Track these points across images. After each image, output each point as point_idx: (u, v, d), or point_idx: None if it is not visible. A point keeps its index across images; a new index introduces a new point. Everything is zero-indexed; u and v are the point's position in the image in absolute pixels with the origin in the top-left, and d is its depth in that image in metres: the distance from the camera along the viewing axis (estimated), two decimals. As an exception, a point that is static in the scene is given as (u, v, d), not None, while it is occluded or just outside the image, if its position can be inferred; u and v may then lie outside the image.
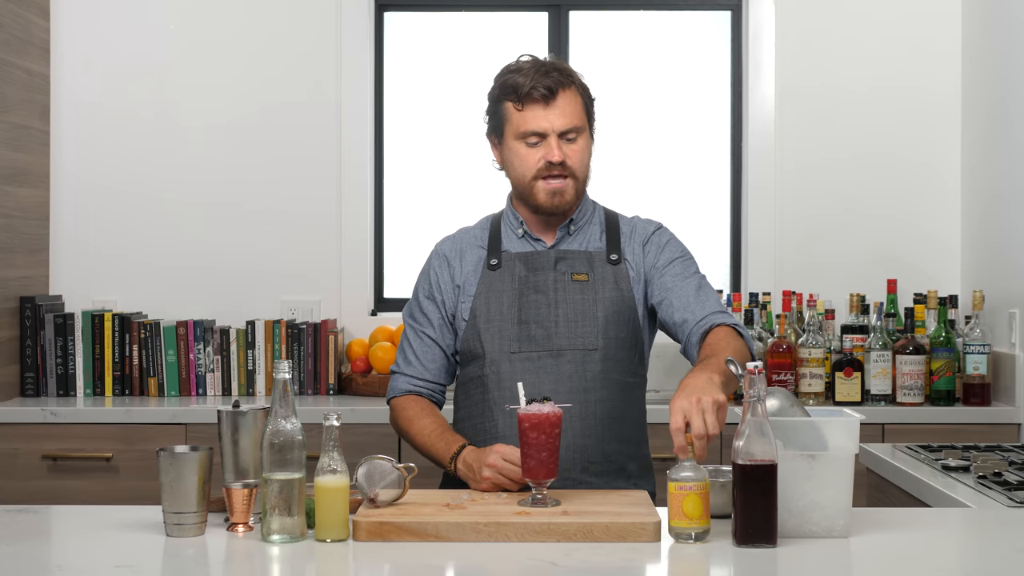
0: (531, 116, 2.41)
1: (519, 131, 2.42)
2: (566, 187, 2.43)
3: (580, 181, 2.46)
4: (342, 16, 4.21)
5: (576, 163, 2.43)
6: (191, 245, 4.20)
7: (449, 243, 2.57)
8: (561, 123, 2.41)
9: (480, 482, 2.26)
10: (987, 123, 3.97)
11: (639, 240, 2.52)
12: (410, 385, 2.53)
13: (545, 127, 2.40)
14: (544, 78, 2.41)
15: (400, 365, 2.55)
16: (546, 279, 2.45)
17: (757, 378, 1.93)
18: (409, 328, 2.55)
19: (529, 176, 2.43)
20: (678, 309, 2.41)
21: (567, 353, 2.41)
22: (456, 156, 4.34)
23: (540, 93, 2.39)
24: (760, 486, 1.92)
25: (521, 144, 2.43)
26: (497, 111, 2.47)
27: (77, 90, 4.20)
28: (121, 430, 3.64)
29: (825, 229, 4.20)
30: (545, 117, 2.40)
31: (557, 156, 2.40)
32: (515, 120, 2.43)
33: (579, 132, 2.43)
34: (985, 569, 1.93)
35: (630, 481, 2.45)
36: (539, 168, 2.42)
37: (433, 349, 2.52)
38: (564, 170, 2.42)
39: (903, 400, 3.73)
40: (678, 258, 2.49)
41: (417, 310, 2.54)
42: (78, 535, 2.09)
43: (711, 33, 4.37)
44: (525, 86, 2.40)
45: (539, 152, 2.42)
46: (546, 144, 2.41)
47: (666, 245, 2.52)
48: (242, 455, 2.09)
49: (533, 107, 2.41)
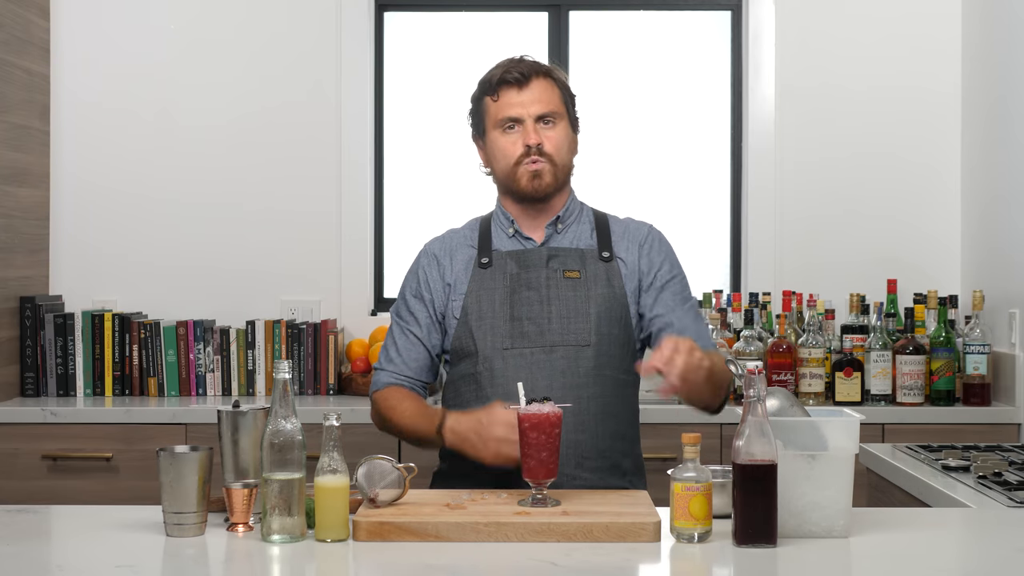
0: (506, 103, 2.45)
1: (497, 119, 2.47)
2: (544, 170, 2.45)
3: (559, 167, 2.47)
4: (342, 16, 4.21)
5: (553, 148, 2.46)
6: (191, 245, 4.20)
7: (438, 243, 2.58)
8: (536, 108, 2.45)
9: (486, 450, 2.25)
10: (987, 123, 3.97)
11: (633, 239, 2.53)
12: (392, 378, 2.53)
13: (520, 112, 2.44)
14: (517, 65, 2.47)
15: (383, 362, 2.55)
16: (538, 276, 2.46)
17: (757, 378, 1.93)
18: (395, 326, 2.55)
19: (511, 162, 2.46)
20: None
21: (560, 349, 2.41)
22: (456, 156, 4.33)
23: (513, 77, 2.45)
24: (760, 486, 1.92)
25: (500, 133, 2.47)
26: (478, 110, 2.53)
27: (77, 90, 4.20)
28: (121, 430, 3.64)
29: (825, 229, 4.20)
30: (520, 103, 2.45)
31: (533, 139, 2.43)
32: (492, 111, 2.48)
33: (556, 118, 2.46)
34: (985, 569, 1.93)
35: (624, 478, 2.45)
36: (519, 154, 2.45)
37: (417, 347, 2.52)
38: (541, 154, 2.44)
39: (903, 400, 3.73)
40: (676, 277, 2.52)
41: (404, 308, 2.54)
42: (78, 535, 2.09)
43: (711, 33, 4.37)
44: (497, 75, 2.47)
45: (516, 137, 2.45)
46: (523, 129, 2.45)
47: (661, 252, 2.53)
48: (242, 455, 2.09)
49: (507, 93, 2.46)
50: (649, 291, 2.48)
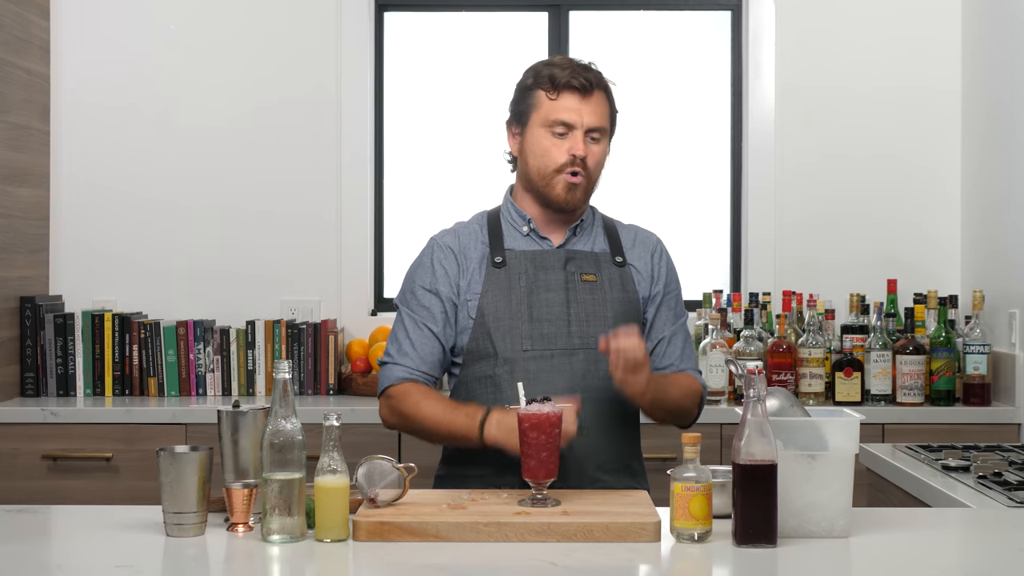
0: (564, 106, 2.40)
1: (548, 119, 2.41)
2: (581, 184, 2.43)
3: (592, 183, 2.46)
4: (342, 16, 4.21)
5: (593, 164, 2.44)
6: (191, 245, 4.20)
7: (451, 236, 2.51)
8: (591, 119, 2.41)
9: None
10: (987, 123, 3.97)
11: (645, 248, 2.54)
12: (407, 373, 2.43)
13: (576, 119, 2.40)
14: (585, 71, 2.43)
15: (394, 355, 2.45)
16: (557, 278, 2.44)
17: (757, 378, 1.93)
18: (408, 318, 2.46)
19: (551, 168, 2.42)
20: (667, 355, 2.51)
21: (580, 352, 2.40)
22: (456, 156, 4.34)
23: (579, 82, 2.40)
24: (760, 486, 1.92)
25: (547, 133, 2.41)
26: (525, 98, 2.45)
27: (77, 90, 4.20)
28: (121, 430, 3.64)
29: (825, 229, 4.20)
30: (578, 109, 2.40)
31: (582, 150, 2.40)
32: (546, 108, 2.42)
33: (603, 134, 2.45)
34: (985, 569, 1.93)
35: (635, 479, 2.47)
36: (563, 162, 2.41)
37: (433, 342, 2.44)
38: (583, 167, 2.41)
39: (903, 400, 3.73)
40: (675, 293, 2.55)
41: (415, 302, 2.46)
42: (78, 535, 2.09)
43: (711, 33, 4.37)
44: (564, 75, 2.41)
45: (565, 144, 2.41)
46: (572, 137, 2.40)
47: (668, 266, 2.56)
48: (242, 455, 2.09)
49: (569, 97, 2.41)
50: (652, 303, 2.51)
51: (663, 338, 2.50)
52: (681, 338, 2.53)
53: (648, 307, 2.51)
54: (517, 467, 2.18)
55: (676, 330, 2.52)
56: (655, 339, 2.50)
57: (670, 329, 2.51)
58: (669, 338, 2.51)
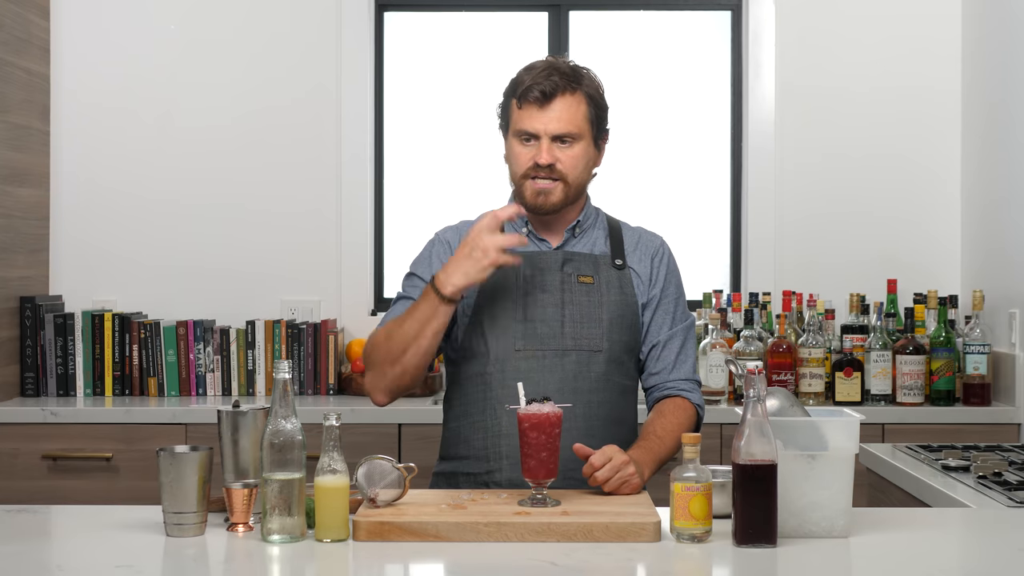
0: (527, 116, 2.42)
1: (515, 128, 2.45)
2: (553, 189, 2.43)
3: (571, 186, 2.45)
4: (342, 16, 4.21)
5: (568, 168, 2.43)
6: (191, 245, 4.20)
7: (452, 233, 2.54)
8: (554, 127, 2.41)
9: (487, 259, 2.27)
10: (987, 123, 3.97)
11: (646, 251, 2.53)
12: None
13: (538, 128, 2.41)
14: (545, 81, 2.41)
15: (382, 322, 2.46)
16: (553, 279, 2.45)
17: (757, 378, 1.93)
18: (400, 301, 2.47)
19: (519, 174, 2.45)
20: (660, 359, 2.49)
21: (572, 354, 2.41)
22: (456, 156, 4.34)
23: (534, 96, 2.41)
24: (760, 486, 1.92)
25: (517, 141, 2.45)
26: (505, 106, 2.49)
27: (77, 90, 4.20)
28: (121, 430, 3.64)
29: (825, 229, 4.20)
30: (539, 119, 2.41)
31: (544, 159, 2.41)
32: (515, 117, 2.45)
33: (575, 138, 2.43)
34: (985, 569, 1.93)
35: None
36: (528, 168, 2.43)
37: None
38: (553, 172, 2.42)
39: (903, 400, 3.73)
40: (677, 297, 2.53)
41: (410, 287, 2.50)
42: (78, 535, 2.09)
43: (711, 33, 4.37)
44: (524, 85, 2.42)
45: (530, 152, 2.43)
46: (538, 145, 2.42)
47: (670, 270, 2.54)
48: (242, 455, 2.09)
49: (529, 107, 2.42)
50: (649, 307, 2.50)
51: (657, 343, 2.49)
52: (677, 344, 2.51)
53: (645, 311, 2.51)
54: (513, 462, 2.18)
55: (673, 335, 2.50)
56: (649, 344, 2.50)
57: (666, 333, 2.49)
58: (664, 343, 2.49)
